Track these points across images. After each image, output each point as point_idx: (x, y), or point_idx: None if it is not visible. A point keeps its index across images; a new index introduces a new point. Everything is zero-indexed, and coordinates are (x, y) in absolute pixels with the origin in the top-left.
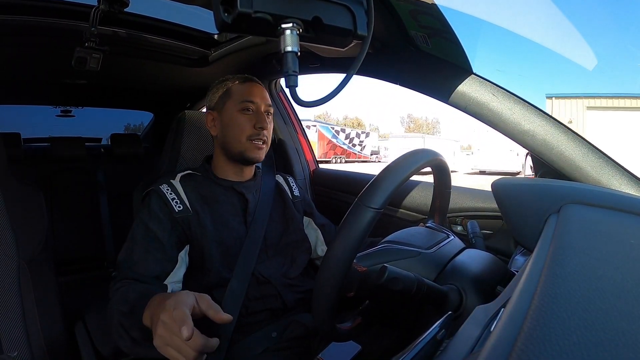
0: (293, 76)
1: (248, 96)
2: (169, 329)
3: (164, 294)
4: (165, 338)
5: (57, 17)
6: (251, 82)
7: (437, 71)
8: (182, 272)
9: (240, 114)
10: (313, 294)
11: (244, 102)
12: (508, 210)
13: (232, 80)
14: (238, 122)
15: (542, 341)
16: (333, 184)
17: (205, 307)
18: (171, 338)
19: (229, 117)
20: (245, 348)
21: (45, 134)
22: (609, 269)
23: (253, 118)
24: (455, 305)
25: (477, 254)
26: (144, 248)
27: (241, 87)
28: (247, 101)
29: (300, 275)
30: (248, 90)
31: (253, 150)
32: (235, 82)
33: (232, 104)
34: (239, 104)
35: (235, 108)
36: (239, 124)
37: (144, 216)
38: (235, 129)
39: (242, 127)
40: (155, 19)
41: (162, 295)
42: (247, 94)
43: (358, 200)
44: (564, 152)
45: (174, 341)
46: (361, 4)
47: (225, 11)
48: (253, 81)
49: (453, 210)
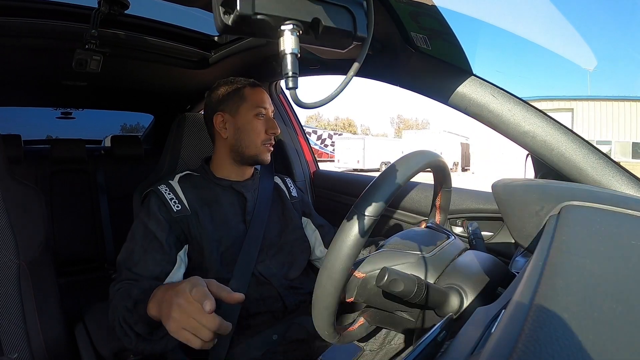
0: (293, 78)
1: (262, 102)
2: (184, 311)
3: (169, 284)
4: (180, 321)
5: (58, 19)
6: (260, 87)
7: (437, 73)
8: (181, 273)
9: (256, 119)
10: (312, 303)
11: (258, 107)
12: (508, 211)
13: (241, 83)
14: (254, 127)
15: (543, 342)
16: (333, 186)
17: (216, 290)
18: (187, 320)
19: (246, 122)
20: (246, 350)
21: (46, 135)
22: (610, 270)
23: (266, 123)
24: (456, 306)
25: (477, 256)
26: (143, 249)
27: (254, 92)
28: (261, 107)
29: (300, 276)
30: (261, 97)
31: (266, 153)
32: (246, 86)
33: (247, 108)
34: (254, 109)
35: (251, 113)
36: (255, 128)
37: (143, 217)
38: (252, 134)
39: (257, 132)
40: (155, 20)
41: (169, 284)
42: (260, 100)
43: (354, 207)
44: (564, 153)
45: (190, 323)
46: (361, 6)
47: (225, 13)
48: (262, 87)
49: (453, 212)
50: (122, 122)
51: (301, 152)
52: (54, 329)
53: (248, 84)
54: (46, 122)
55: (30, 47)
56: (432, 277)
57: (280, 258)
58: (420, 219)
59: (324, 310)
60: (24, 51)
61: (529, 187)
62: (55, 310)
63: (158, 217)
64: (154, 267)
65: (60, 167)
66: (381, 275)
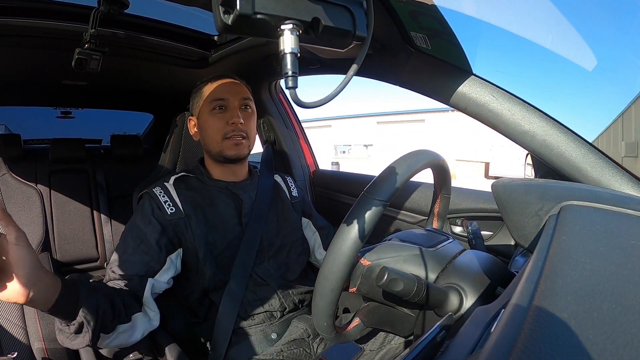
0: (293, 77)
1: (219, 94)
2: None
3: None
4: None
5: (57, 18)
6: (221, 79)
7: (437, 72)
8: (169, 275)
9: (212, 114)
10: (315, 289)
11: (213, 101)
12: (508, 211)
13: (204, 81)
14: (211, 122)
15: (542, 342)
16: (333, 185)
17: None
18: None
19: (204, 120)
20: (245, 350)
21: (45, 135)
22: (609, 270)
23: (226, 115)
24: (456, 306)
25: (477, 255)
26: (133, 249)
27: (211, 86)
28: (217, 99)
29: (299, 277)
30: (220, 88)
31: (231, 147)
32: (208, 82)
33: (204, 106)
34: (210, 104)
35: (206, 109)
36: (213, 124)
37: (136, 218)
38: (210, 131)
39: (216, 127)
40: (155, 20)
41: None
42: (216, 92)
43: (365, 192)
44: (564, 152)
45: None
46: (361, 5)
47: (225, 13)
48: (225, 77)
49: (453, 211)
50: (123, 122)
51: (301, 151)
52: (53, 329)
53: (210, 79)
54: (46, 122)
55: (30, 47)
56: (433, 273)
57: (279, 259)
58: (420, 218)
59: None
60: (24, 51)
61: (528, 187)
62: None
63: (151, 219)
64: (140, 267)
65: (60, 167)
66: (381, 274)
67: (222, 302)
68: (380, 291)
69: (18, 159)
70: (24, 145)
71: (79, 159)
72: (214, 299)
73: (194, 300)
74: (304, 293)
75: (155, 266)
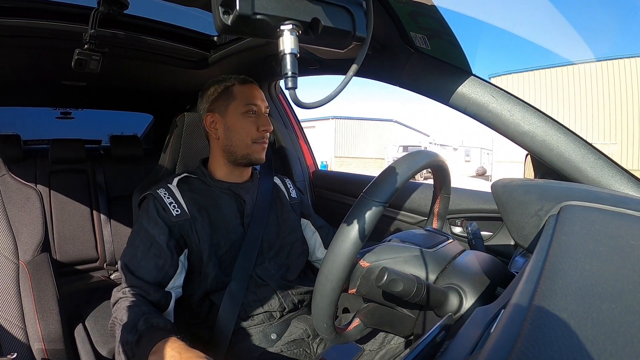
0: (292, 78)
1: (252, 99)
2: None
3: (182, 346)
4: None
5: (57, 19)
6: (251, 83)
7: (437, 73)
8: (182, 277)
9: (245, 117)
10: (315, 286)
11: (248, 104)
12: (508, 211)
13: (230, 81)
14: (244, 125)
15: (542, 342)
16: (333, 185)
17: None
18: None
19: (235, 121)
20: (245, 350)
21: (45, 135)
22: (609, 270)
23: (257, 121)
24: (455, 306)
25: (477, 255)
26: (144, 253)
27: (243, 89)
28: (251, 104)
29: (298, 277)
30: (251, 93)
31: (259, 151)
32: (235, 83)
33: (236, 106)
34: (244, 107)
35: (239, 111)
36: (245, 127)
37: (143, 221)
38: (242, 133)
39: (248, 131)
40: (154, 20)
41: (181, 346)
42: (250, 97)
43: (364, 193)
44: (563, 152)
45: None
46: (360, 6)
47: (224, 13)
48: (253, 83)
49: (453, 212)
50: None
51: (300, 152)
52: (53, 329)
53: (238, 81)
54: (46, 122)
55: (30, 48)
56: (432, 275)
57: (279, 260)
58: (419, 219)
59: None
60: (23, 51)
61: (528, 187)
62: (55, 310)
63: (158, 221)
64: (156, 272)
65: (60, 167)
66: (380, 275)
67: (223, 303)
68: (380, 292)
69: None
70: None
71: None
72: (214, 300)
73: (195, 301)
74: (303, 293)
75: (170, 271)
